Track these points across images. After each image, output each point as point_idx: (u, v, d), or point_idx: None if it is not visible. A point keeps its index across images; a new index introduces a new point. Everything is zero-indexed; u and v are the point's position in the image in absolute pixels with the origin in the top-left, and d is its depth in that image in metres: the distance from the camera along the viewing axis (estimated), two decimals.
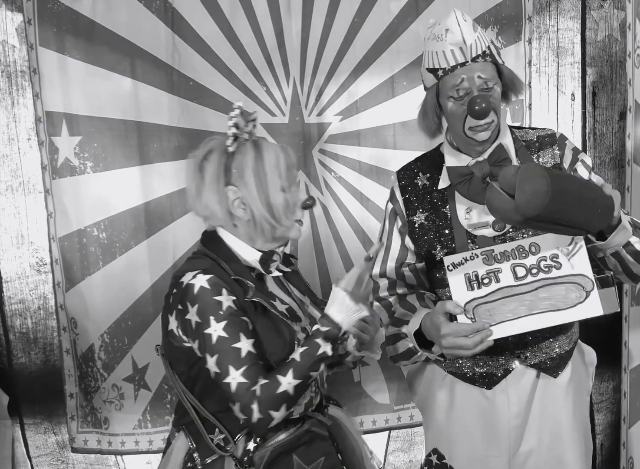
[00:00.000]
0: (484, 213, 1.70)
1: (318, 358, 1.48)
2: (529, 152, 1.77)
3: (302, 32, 2.37)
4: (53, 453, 2.54)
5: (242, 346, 1.46)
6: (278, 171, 1.55)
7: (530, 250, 1.54)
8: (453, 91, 1.67)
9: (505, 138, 1.75)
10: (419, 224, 1.78)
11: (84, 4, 2.23)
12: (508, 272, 1.53)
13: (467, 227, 1.72)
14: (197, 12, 2.29)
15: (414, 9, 2.42)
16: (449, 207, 1.75)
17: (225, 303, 1.48)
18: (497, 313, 1.52)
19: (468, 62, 1.65)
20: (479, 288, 1.53)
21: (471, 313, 1.52)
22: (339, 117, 2.43)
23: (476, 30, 1.69)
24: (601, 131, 2.70)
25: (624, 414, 2.52)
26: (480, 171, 1.70)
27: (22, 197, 2.39)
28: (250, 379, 1.45)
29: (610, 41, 2.65)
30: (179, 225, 2.35)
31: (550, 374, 1.76)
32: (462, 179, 1.73)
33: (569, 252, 1.52)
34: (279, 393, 1.44)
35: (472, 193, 1.72)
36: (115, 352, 2.38)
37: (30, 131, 2.35)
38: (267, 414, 1.44)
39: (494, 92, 1.66)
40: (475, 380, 1.77)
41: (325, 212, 2.47)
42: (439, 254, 1.74)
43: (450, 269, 1.55)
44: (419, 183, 1.81)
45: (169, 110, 2.31)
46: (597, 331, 2.56)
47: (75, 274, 2.34)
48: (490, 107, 1.62)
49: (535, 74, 2.61)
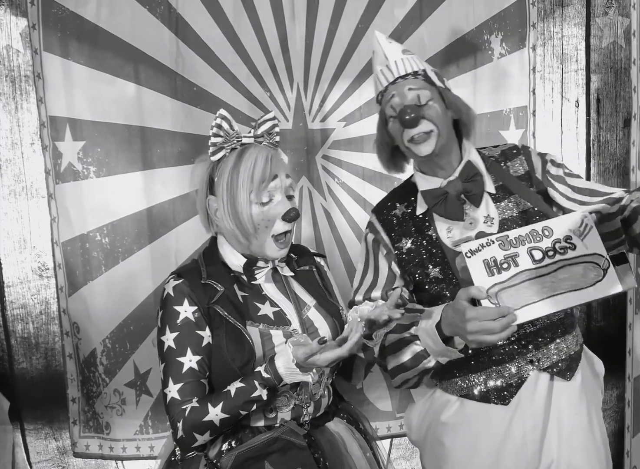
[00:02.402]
0: (465, 229, 1.73)
1: (251, 400, 1.47)
2: (500, 165, 1.79)
3: (306, 38, 2.37)
4: (53, 459, 2.54)
5: (185, 361, 1.50)
6: (248, 182, 1.53)
7: (544, 233, 1.54)
8: (389, 109, 1.71)
9: (471, 155, 1.78)
10: (407, 248, 1.78)
11: (88, 9, 2.23)
12: (525, 256, 1.52)
13: (451, 246, 1.74)
14: (202, 17, 2.29)
15: (418, 15, 2.42)
16: (432, 229, 1.77)
17: (182, 314, 1.52)
18: (520, 297, 1.49)
19: (398, 79, 1.70)
20: (499, 273, 1.51)
21: (494, 298, 1.49)
22: (343, 123, 2.43)
23: (406, 53, 1.74)
24: (605, 138, 2.70)
25: (628, 423, 2.51)
26: (454, 190, 1.73)
27: (25, 201, 2.39)
28: (182, 397, 1.49)
29: (615, 48, 2.64)
30: (181, 230, 2.35)
31: (563, 377, 1.75)
32: (437, 201, 1.74)
33: (581, 233, 1.52)
34: (205, 421, 1.47)
35: (450, 213, 1.74)
36: (117, 357, 2.37)
37: (34, 136, 2.35)
38: (191, 435, 1.48)
39: (429, 107, 1.67)
40: (489, 398, 1.74)
41: (328, 217, 2.47)
42: (431, 272, 1.73)
43: (468, 256, 1.53)
44: (398, 213, 1.83)
45: (173, 115, 2.31)
46: (601, 338, 2.56)
47: (78, 279, 2.33)
48: (420, 115, 1.64)
49: (539, 81, 2.61)
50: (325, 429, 1.64)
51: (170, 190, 2.34)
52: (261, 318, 1.56)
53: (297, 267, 1.71)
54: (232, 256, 1.61)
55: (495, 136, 2.51)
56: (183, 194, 2.33)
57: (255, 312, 1.57)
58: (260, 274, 1.61)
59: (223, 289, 1.55)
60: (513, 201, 1.75)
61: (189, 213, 2.35)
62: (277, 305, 1.60)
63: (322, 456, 1.57)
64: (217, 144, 1.57)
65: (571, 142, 2.68)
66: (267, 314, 1.57)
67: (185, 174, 2.33)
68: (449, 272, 1.72)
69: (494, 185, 1.77)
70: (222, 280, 1.57)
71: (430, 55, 2.43)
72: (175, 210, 2.34)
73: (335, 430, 1.66)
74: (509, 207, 1.75)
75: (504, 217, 1.74)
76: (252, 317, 1.56)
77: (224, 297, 1.55)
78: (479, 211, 1.74)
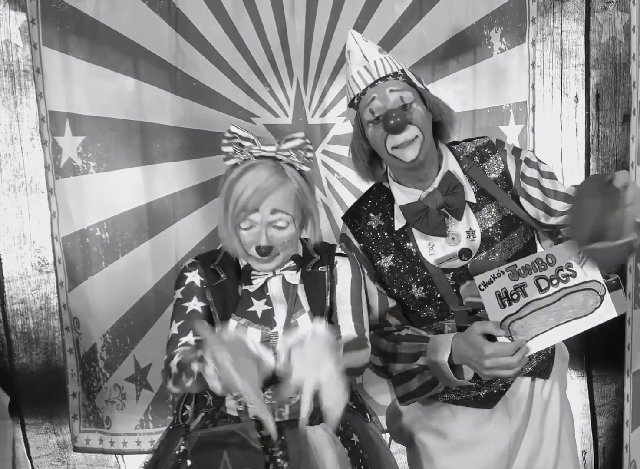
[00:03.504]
0: (447, 245, 1.68)
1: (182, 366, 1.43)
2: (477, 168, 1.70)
3: (306, 33, 2.37)
4: (54, 454, 2.54)
5: (190, 305, 1.56)
6: (231, 208, 1.50)
7: (548, 261, 1.58)
8: (368, 114, 1.58)
9: (449, 164, 1.68)
10: (388, 266, 1.71)
11: (87, 4, 2.23)
12: (532, 286, 1.56)
13: (434, 263, 1.68)
14: (201, 12, 2.29)
15: (418, 10, 2.42)
16: (413, 245, 1.69)
17: (189, 278, 1.60)
18: (530, 328, 1.54)
19: (377, 81, 1.58)
20: (509, 305, 1.55)
21: (508, 331, 1.53)
22: (343, 118, 2.43)
23: (382, 52, 1.63)
24: (605, 134, 2.70)
25: (627, 418, 2.51)
26: (435, 203, 1.65)
27: (25, 197, 2.39)
28: (181, 332, 1.53)
29: (615, 43, 2.64)
30: (181, 225, 2.35)
31: (543, 377, 1.79)
32: (418, 217, 1.65)
33: (580, 260, 1.57)
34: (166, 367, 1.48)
35: (432, 229, 1.65)
36: (118, 352, 2.37)
37: (33, 131, 2.35)
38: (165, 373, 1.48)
39: (413, 110, 1.56)
40: (474, 403, 1.76)
41: (327, 213, 2.47)
42: (416, 293, 1.70)
43: (482, 289, 1.55)
44: (373, 225, 1.73)
45: (172, 110, 2.31)
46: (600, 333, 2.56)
47: (78, 274, 2.34)
48: (406, 120, 1.54)
49: (539, 76, 2.60)
50: (299, 433, 1.56)
51: (170, 185, 2.34)
52: (248, 314, 1.56)
53: (313, 269, 1.64)
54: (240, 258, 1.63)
55: (495, 131, 2.51)
56: (183, 189, 2.33)
57: (246, 307, 1.57)
58: (258, 280, 1.60)
59: (225, 278, 1.58)
60: (494, 208, 1.69)
61: (188, 208, 2.35)
62: (272, 305, 1.59)
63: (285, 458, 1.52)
64: (229, 153, 1.55)
65: (570, 138, 2.68)
66: (255, 312, 1.57)
67: (185, 169, 2.33)
68: (434, 291, 1.68)
69: (474, 192, 1.69)
70: (229, 270, 1.60)
71: (430, 50, 2.43)
72: (175, 205, 2.34)
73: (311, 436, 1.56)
74: (489, 216, 1.69)
75: (485, 228, 1.68)
76: (239, 311, 1.57)
77: (222, 285, 1.58)
78: (461, 225, 1.67)
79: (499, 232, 1.69)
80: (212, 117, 2.32)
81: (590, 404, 2.77)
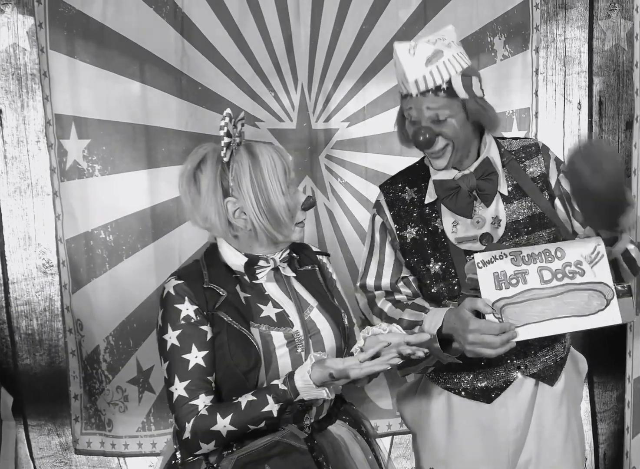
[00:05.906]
0: (471, 227, 1.72)
1: (261, 415, 1.43)
2: (517, 164, 1.76)
3: (311, 38, 2.38)
4: (56, 455, 2.55)
5: (191, 358, 1.47)
6: (276, 176, 1.51)
7: (556, 255, 1.57)
8: (406, 113, 1.67)
9: (491, 152, 1.74)
10: (411, 238, 1.77)
11: (94, 8, 2.24)
12: (535, 275, 1.56)
13: (454, 241, 1.72)
14: (207, 17, 2.30)
15: (422, 16, 2.43)
16: (439, 221, 1.75)
17: (184, 312, 1.49)
18: (523, 315, 1.54)
19: (417, 95, 1.61)
20: (506, 288, 1.55)
21: (499, 313, 1.53)
22: (347, 124, 2.44)
23: (430, 63, 1.59)
24: (607, 141, 2.70)
25: (628, 424, 2.51)
26: (467, 185, 1.71)
27: (30, 199, 2.40)
28: (190, 394, 1.46)
29: (618, 51, 2.65)
30: (185, 228, 2.36)
31: (548, 383, 1.78)
32: (449, 193, 1.72)
33: (592, 260, 1.56)
34: (212, 430, 1.44)
35: (459, 208, 1.72)
36: (120, 354, 2.38)
37: (40, 134, 2.36)
38: (196, 442, 1.45)
39: (446, 124, 1.61)
40: (474, 395, 1.77)
41: (331, 217, 2.48)
42: (432, 268, 1.73)
43: (479, 266, 1.56)
44: (407, 197, 1.79)
45: (177, 114, 2.32)
46: (601, 340, 2.56)
47: (81, 276, 2.35)
48: (434, 138, 1.61)
49: (542, 83, 2.61)
50: (327, 432, 1.61)
51: (174, 188, 2.26)
52: (263, 319, 1.55)
53: (299, 267, 1.68)
54: (233, 256, 1.59)
55: None
56: None
57: (258, 314, 1.56)
58: (262, 274, 1.60)
59: (226, 294, 1.53)
60: (525, 204, 1.74)
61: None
62: (280, 306, 1.59)
63: (325, 460, 1.54)
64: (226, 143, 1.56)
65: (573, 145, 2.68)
66: (269, 316, 1.56)
67: None
68: (450, 270, 1.72)
69: (508, 186, 1.74)
70: (224, 283, 1.55)
71: None
72: (179, 208, 2.35)
73: (338, 433, 1.64)
74: (518, 211, 1.73)
75: (512, 221, 1.72)
76: (255, 318, 1.55)
77: (227, 301, 1.53)
78: (488, 211, 1.73)
79: (526, 227, 1.72)
80: (217, 121, 2.30)
81: (591, 410, 2.77)
